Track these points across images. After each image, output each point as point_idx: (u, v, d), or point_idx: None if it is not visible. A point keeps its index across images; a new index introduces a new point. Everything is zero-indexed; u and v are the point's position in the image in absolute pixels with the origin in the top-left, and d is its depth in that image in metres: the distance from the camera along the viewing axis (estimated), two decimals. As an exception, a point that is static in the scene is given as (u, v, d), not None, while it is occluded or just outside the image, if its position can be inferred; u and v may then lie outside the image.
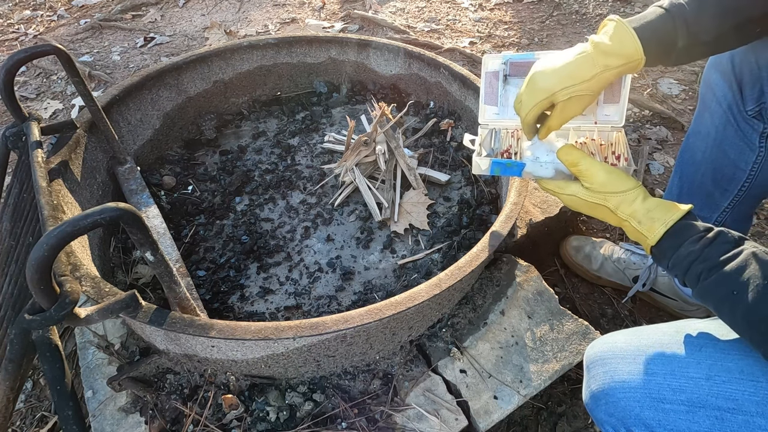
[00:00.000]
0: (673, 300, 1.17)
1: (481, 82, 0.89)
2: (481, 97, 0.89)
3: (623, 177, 0.68)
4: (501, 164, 0.80)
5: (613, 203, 0.67)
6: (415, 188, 1.23)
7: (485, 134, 0.88)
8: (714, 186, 0.99)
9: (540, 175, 0.79)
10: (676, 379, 0.61)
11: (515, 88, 0.87)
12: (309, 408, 0.88)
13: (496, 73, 0.88)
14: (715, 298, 0.59)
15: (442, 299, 0.94)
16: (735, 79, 0.87)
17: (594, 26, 2.26)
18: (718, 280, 0.58)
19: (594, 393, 0.67)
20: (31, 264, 0.54)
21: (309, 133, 1.47)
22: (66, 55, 0.97)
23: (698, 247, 0.60)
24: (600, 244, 1.26)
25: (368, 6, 2.48)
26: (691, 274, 0.61)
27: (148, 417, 0.88)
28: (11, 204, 0.94)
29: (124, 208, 0.59)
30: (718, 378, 0.59)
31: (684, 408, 0.59)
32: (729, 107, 0.90)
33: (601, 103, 0.84)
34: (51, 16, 2.61)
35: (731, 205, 0.99)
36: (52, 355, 0.61)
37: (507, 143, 0.87)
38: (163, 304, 0.97)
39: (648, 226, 0.64)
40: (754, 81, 0.85)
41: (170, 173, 1.35)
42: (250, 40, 1.46)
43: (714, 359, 0.61)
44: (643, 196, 0.67)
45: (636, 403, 0.62)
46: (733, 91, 0.89)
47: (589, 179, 0.70)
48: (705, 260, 0.59)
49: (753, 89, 0.86)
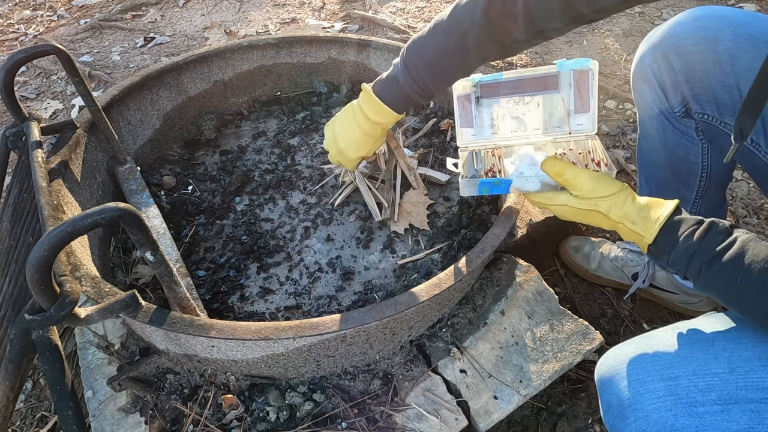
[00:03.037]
0: (675, 294, 1.17)
1: (455, 106, 0.91)
2: (456, 120, 0.92)
3: (609, 181, 0.70)
4: (488, 183, 0.82)
5: (605, 207, 0.68)
6: (415, 188, 1.23)
7: (466, 156, 0.91)
8: (677, 181, 1.01)
9: (527, 189, 0.80)
10: (701, 378, 0.59)
11: (489, 109, 0.91)
12: (309, 408, 0.88)
13: (468, 96, 0.91)
14: (720, 288, 0.59)
15: (442, 299, 0.94)
16: (658, 85, 0.90)
17: (594, 26, 2.25)
18: (719, 270, 0.58)
19: (619, 410, 0.63)
20: (31, 264, 0.54)
21: (309, 133, 1.47)
22: (66, 55, 0.97)
23: (695, 240, 0.60)
24: (599, 243, 1.26)
25: (368, 6, 2.48)
26: (692, 268, 0.61)
27: (148, 417, 0.88)
28: (11, 204, 0.94)
29: (124, 208, 0.59)
30: (740, 369, 0.58)
31: (717, 408, 0.57)
32: (661, 112, 0.93)
33: (573, 114, 0.87)
34: (51, 16, 2.61)
35: (699, 196, 1.01)
36: (52, 355, 0.61)
37: (489, 162, 0.89)
38: (163, 304, 0.97)
39: (643, 226, 0.65)
40: (675, 85, 0.87)
41: (170, 173, 1.35)
42: (250, 40, 1.46)
43: (730, 351, 0.60)
44: (632, 197, 0.68)
45: (668, 413, 0.59)
46: (659, 96, 0.91)
47: (576, 187, 0.70)
48: (704, 252, 0.59)
49: (675, 93, 0.88)
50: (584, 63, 0.85)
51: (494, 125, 0.91)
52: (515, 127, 0.90)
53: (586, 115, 0.87)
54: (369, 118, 0.93)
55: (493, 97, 0.90)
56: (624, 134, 1.71)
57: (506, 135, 0.91)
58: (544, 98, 0.88)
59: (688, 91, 0.86)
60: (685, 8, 2.34)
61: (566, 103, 0.88)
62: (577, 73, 0.86)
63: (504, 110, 0.90)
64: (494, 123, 0.91)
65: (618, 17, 2.31)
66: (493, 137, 0.91)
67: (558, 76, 0.87)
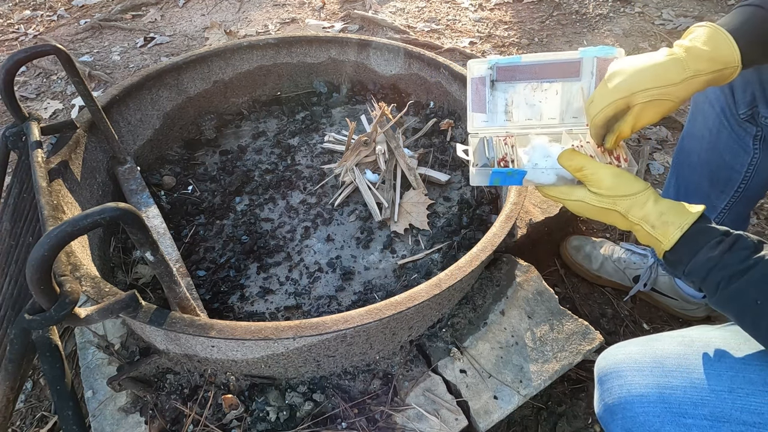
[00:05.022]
0: (674, 299, 1.17)
1: (468, 89, 0.86)
2: (468, 104, 0.86)
3: (631, 179, 0.64)
4: (501, 173, 0.77)
5: (624, 207, 0.64)
6: (415, 188, 1.23)
7: (477, 143, 0.86)
8: (711, 188, 0.99)
9: (542, 182, 0.75)
10: (697, 392, 0.58)
11: (504, 94, 0.85)
12: (309, 408, 0.88)
13: (483, 78, 0.85)
14: (737, 308, 0.56)
15: (442, 299, 0.94)
16: (727, 83, 0.87)
17: (594, 26, 2.25)
18: (740, 288, 0.55)
19: (610, 407, 0.64)
20: (31, 264, 0.54)
21: (309, 133, 1.47)
22: (66, 55, 0.97)
23: (717, 253, 0.57)
24: (600, 243, 1.26)
25: (368, 6, 2.48)
26: (709, 282, 0.57)
27: (148, 417, 0.88)
28: (11, 204, 0.94)
29: (124, 208, 0.59)
30: (741, 390, 0.57)
31: (707, 423, 0.56)
32: (722, 110, 0.90)
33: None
34: (51, 16, 2.61)
35: (728, 206, 0.99)
36: (52, 355, 0.61)
37: (502, 151, 0.83)
38: (163, 304, 0.97)
39: (662, 231, 0.60)
40: (746, 85, 0.84)
41: (170, 173, 1.35)
42: (250, 40, 1.46)
43: (735, 370, 0.58)
44: (654, 198, 0.63)
45: (656, 419, 0.59)
46: (725, 94, 0.88)
47: (596, 184, 0.66)
48: (724, 267, 0.56)
49: (744, 93, 0.84)
50: (610, 51, 0.79)
51: (508, 111, 0.86)
52: (530, 115, 0.85)
53: None
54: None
55: (510, 81, 0.84)
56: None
57: (521, 123, 0.85)
58: (563, 86, 0.83)
59: (760, 92, 0.81)
60: (685, 8, 2.34)
61: (585, 92, 0.82)
62: (601, 61, 0.80)
63: (520, 96, 0.85)
64: (508, 109, 0.86)
65: (618, 17, 2.31)
66: (507, 124, 0.85)
67: (580, 62, 0.81)
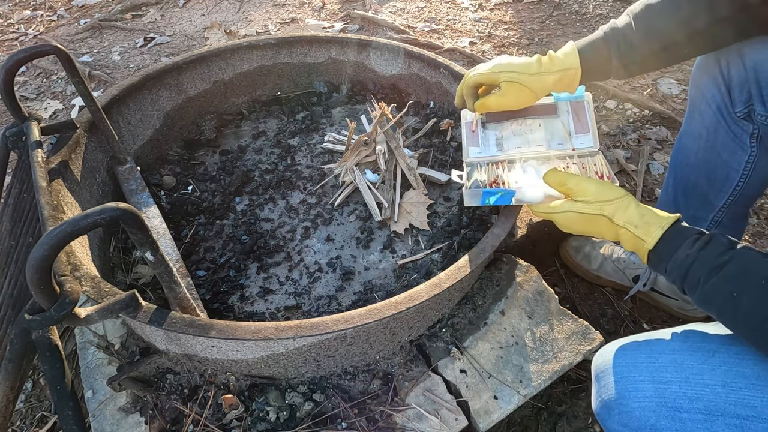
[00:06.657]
0: (674, 299, 1.17)
1: (462, 130, 0.99)
2: (463, 141, 0.98)
3: (613, 186, 0.72)
4: (492, 193, 0.86)
5: (610, 210, 0.69)
6: (415, 188, 1.23)
7: (471, 169, 0.95)
8: (708, 186, 0.99)
9: (530, 200, 0.83)
10: (692, 386, 0.60)
11: (494, 131, 0.97)
12: (309, 408, 0.88)
13: (475, 122, 0.98)
14: (717, 303, 0.58)
15: (442, 299, 0.94)
16: (723, 81, 0.88)
17: (594, 26, 2.26)
18: (716, 283, 0.57)
19: (606, 402, 0.65)
20: (31, 264, 0.54)
21: (309, 133, 1.47)
22: (66, 55, 0.97)
23: (694, 250, 0.60)
24: (599, 244, 1.26)
25: (368, 6, 2.48)
26: (689, 279, 0.61)
27: (148, 417, 0.88)
28: (11, 204, 0.94)
29: (124, 208, 0.59)
30: (734, 384, 0.58)
31: (701, 417, 0.58)
32: (718, 109, 0.91)
33: (574, 134, 0.92)
34: (51, 16, 2.61)
35: (726, 205, 0.99)
36: (52, 355, 0.61)
37: (493, 174, 0.92)
38: (163, 304, 0.97)
39: (645, 230, 0.65)
40: (742, 83, 0.85)
41: (170, 173, 1.34)
42: (250, 40, 1.46)
43: (729, 365, 0.59)
44: (635, 202, 0.69)
45: (651, 413, 0.60)
46: (721, 93, 0.89)
47: (581, 193, 0.72)
48: (702, 264, 0.59)
49: (741, 91, 0.86)
50: (578, 95, 0.93)
51: (499, 144, 0.96)
52: (519, 144, 0.95)
53: (587, 135, 0.91)
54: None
55: (498, 122, 0.97)
56: (624, 134, 1.71)
57: (511, 151, 0.95)
58: (545, 120, 0.94)
59: (756, 91, 0.83)
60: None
61: (566, 126, 0.93)
62: (573, 103, 0.93)
63: (509, 131, 0.96)
64: (499, 142, 0.96)
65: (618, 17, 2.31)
66: (498, 154, 0.96)
67: (556, 105, 0.94)
